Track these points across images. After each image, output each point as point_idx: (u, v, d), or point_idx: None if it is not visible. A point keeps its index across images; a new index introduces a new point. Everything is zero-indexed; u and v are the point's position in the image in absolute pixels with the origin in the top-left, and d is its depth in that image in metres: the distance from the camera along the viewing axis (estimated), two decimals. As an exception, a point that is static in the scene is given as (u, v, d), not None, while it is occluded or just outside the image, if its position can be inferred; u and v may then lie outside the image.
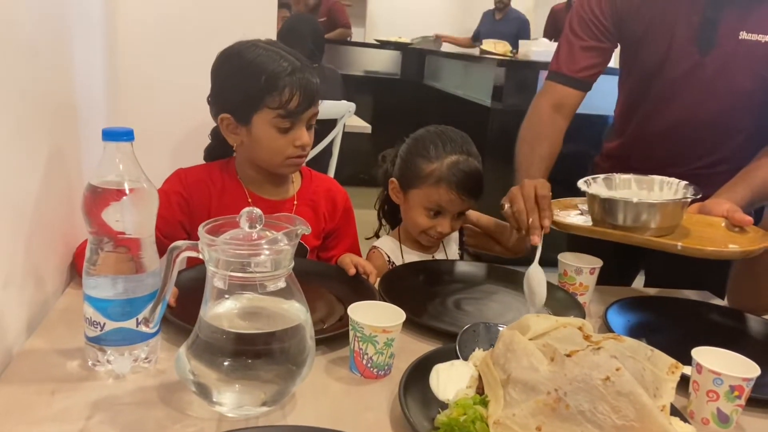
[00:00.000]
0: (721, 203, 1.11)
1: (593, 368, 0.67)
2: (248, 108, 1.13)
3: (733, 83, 1.24)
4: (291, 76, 1.11)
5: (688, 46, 1.25)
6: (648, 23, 1.29)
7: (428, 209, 1.29)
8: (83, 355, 0.83)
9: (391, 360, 0.86)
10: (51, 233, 1.00)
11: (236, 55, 1.15)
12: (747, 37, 1.21)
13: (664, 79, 1.30)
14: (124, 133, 0.78)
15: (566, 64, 1.38)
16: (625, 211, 1.06)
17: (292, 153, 1.15)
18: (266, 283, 0.72)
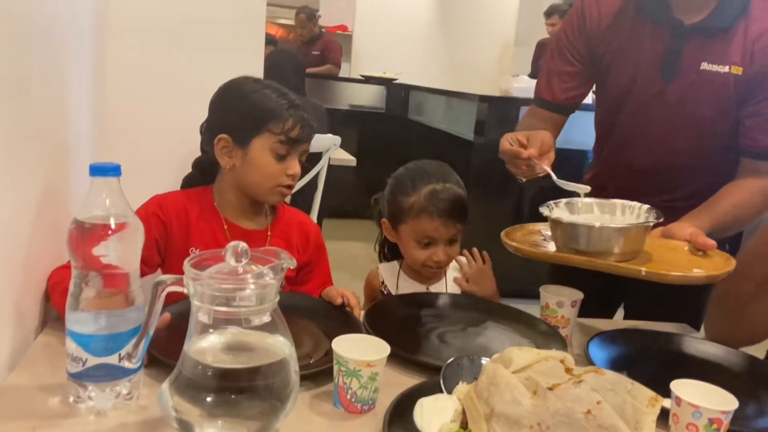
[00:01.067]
0: (684, 227, 1.13)
1: (575, 402, 0.68)
2: (250, 129, 1.17)
3: (696, 111, 1.29)
4: (296, 109, 1.19)
5: (653, 74, 1.30)
6: (614, 50, 1.35)
7: (418, 242, 1.31)
8: (65, 392, 0.82)
9: (375, 394, 0.86)
10: (34, 268, 1.00)
11: (239, 85, 1.21)
12: (708, 68, 1.26)
13: (630, 106, 1.35)
14: (112, 168, 0.79)
15: (545, 90, 1.43)
16: (588, 236, 1.05)
17: (283, 181, 1.19)
18: (251, 317, 0.72)
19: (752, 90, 1.24)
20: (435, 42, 6.56)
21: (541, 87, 1.45)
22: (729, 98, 1.26)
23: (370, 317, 1.13)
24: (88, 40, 1.28)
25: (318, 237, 1.34)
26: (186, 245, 1.20)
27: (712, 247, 1.08)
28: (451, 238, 1.32)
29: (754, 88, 1.24)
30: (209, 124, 1.23)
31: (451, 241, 1.32)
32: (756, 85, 1.24)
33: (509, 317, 1.22)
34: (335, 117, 3.48)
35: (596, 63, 1.39)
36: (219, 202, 1.23)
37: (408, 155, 1.32)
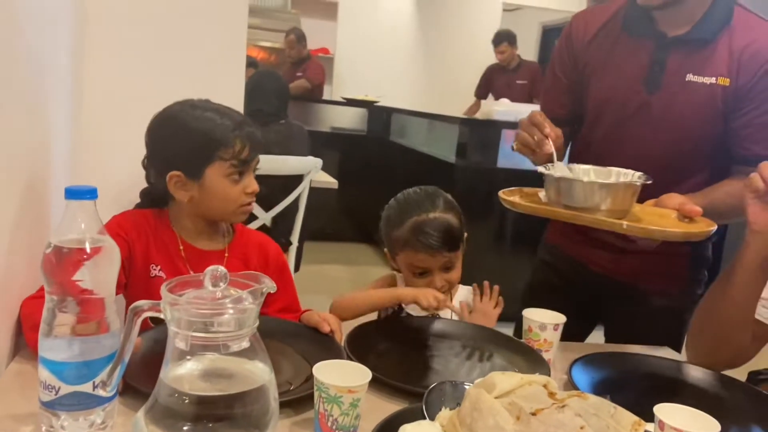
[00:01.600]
0: (674, 197, 1.16)
1: (558, 427, 0.67)
2: (200, 162, 1.17)
3: (680, 122, 1.31)
4: (240, 129, 1.18)
5: (636, 87, 1.32)
6: (597, 63, 1.37)
7: (413, 272, 1.32)
8: (37, 421, 0.79)
9: (356, 421, 0.85)
10: (5, 294, 0.97)
11: (175, 117, 1.19)
12: (693, 79, 1.28)
13: (612, 117, 1.37)
14: (87, 191, 0.78)
15: (544, 106, 1.47)
16: (576, 190, 1.09)
17: (244, 200, 1.20)
18: (229, 343, 0.70)
19: (740, 101, 1.26)
20: (416, 65, 6.64)
21: (542, 104, 1.49)
22: (716, 109, 1.28)
23: (351, 342, 1.12)
24: (65, 63, 1.27)
25: (279, 258, 1.32)
26: (147, 263, 1.20)
27: (698, 214, 1.10)
28: (443, 266, 1.31)
29: (743, 98, 1.25)
30: (153, 160, 1.21)
31: (446, 268, 1.32)
32: (744, 95, 1.25)
33: (492, 341, 1.21)
34: (317, 139, 3.48)
35: (580, 74, 1.42)
36: (175, 225, 1.23)
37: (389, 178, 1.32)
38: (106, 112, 1.42)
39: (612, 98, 1.36)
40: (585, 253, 1.45)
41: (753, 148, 1.27)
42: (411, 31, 6.71)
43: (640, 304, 1.43)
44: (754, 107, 1.26)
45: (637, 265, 1.40)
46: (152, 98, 1.46)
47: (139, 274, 1.19)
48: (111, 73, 1.43)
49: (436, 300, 1.24)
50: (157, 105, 1.42)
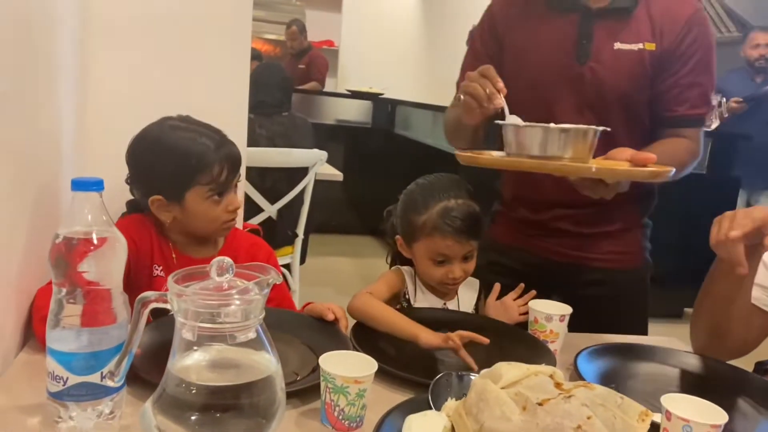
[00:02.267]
0: (624, 150, 1.14)
1: (565, 417, 0.67)
2: (180, 187, 1.17)
3: (614, 90, 1.33)
4: (217, 153, 1.18)
5: (566, 59, 1.34)
6: (523, 39, 1.38)
7: (433, 260, 1.29)
8: (45, 412, 0.80)
9: (363, 411, 0.85)
10: (13, 285, 0.98)
11: (155, 140, 1.19)
12: (621, 47, 1.32)
13: (545, 92, 1.37)
14: (94, 183, 0.78)
15: (461, 78, 1.43)
16: (542, 138, 1.08)
17: (227, 218, 1.21)
18: (236, 333, 0.71)
19: (666, 63, 1.31)
20: (421, 57, 6.62)
21: (461, 79, 1.45)
22: (645, 74, 1.32)
23: (357, 333, 1.12)
24: (71, 55, 1.27)
25: (269, 257, 1.33)
26: (150, 263, 1.21)
27: (653, 160, 1.10)
28: (465, 254, 1.30)
29: (668, 61, 1.31)
30: (134, 181, 1.22)
31: (466, 258, 1.30)
32: (669, 58, 1.31)
33: (497, 332, 1.21)
34: (321, 132, 3.48)
35: (507, 52, 1.42)
36: (168, 234, 1.24)
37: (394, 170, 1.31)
38: (111, 105, 1.42)
39: (544, 74, 1.37)
40: (544, 245, 1.45)
41: (679, 109, 1.33)
42: (416, 22, 6.69)
43: (604, 285, 1.44)
44: (678, 68, 1.31)
45: (598, 245, 1.43)
46: (158, 92, 1.46)
47: (143, 273, 1.20)
48: (114, 66, 1.43)
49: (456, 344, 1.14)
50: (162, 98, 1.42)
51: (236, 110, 1.53)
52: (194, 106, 1.26)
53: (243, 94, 1.54)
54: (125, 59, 1.44)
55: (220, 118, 1.28)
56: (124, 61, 1.44)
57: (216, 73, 1.50)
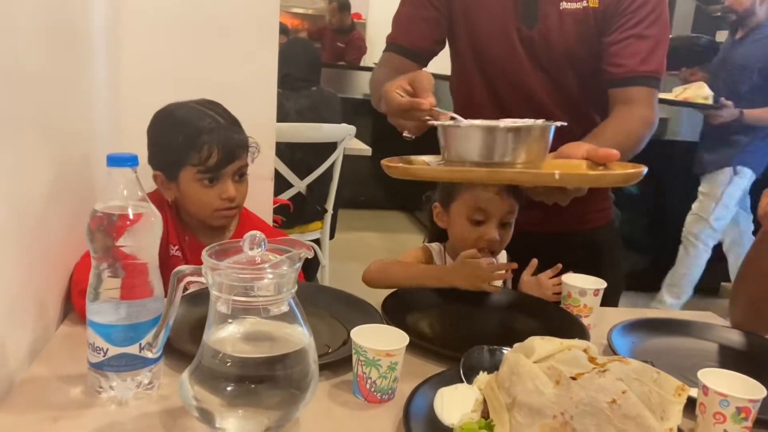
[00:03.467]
0: (579, 145, 1.01)
1: (599, 391, 0.67)
2: (174, 165, 1.19)
3: (564, 50, 1.29)
4: (210, 134, 1.17)
5: (514, 23, 1.30)
6: (469, 3, 1.33)
7: (471, 219, 1.25)
8: (86, 382, 0.82)
9: (394, 384, 0.85)
10: (54, 259, 1.00)
11: (167, 115, 1.21)
12: (567, 6, 1.27)
13: (496, 59, 1.34)
14: (129, 159, 0.79)
15: (403, 36, 1.39)
16: (490, 140, 0.91)
17: (220, 206, 1.20)
18: (269, 307, 0.71)
19: (609, 19, 1.26)
20: (449, 29, 6.49)
21: (397, 33, 1.40)
22: (591, 32, 1.27)
23: (387, 307, 1.12)
24: (103, 31, 1.28)
25: None
26: (167, 242, 1.23)
27: (614, 157, 0.97)
28: (504, 215, 1.25)
29: (611, 16, 1.25)
30: (148, 157, 1.24)
31: (503, 224, 1.27)
32: (611, 13, 1.25)
33: (530, 306, 1.21)
34: (349, 106, 3.46)
35: (453, 15, 1.37)
36: (182, 216, 1.26)
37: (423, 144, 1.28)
38: (143, 81, 1.43)
39: (492, 40, 1.33)
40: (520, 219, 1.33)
41: (626, 63, 1.25)
42: (444, -6, 6.56)
43: (585, 247, 1.41)
44: (623, 22, 1.25)
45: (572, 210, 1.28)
46: (188, 67, 1.47)
47: (161, 251, 1.21)
48: (146, 41, 1.44)
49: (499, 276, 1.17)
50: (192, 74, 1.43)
51: (265, 85, 1.53)
52: (224, 80, 1.27)
53: (272, 69, 1.54)
54: (156, 35, 1.45)
55: (249, 93, 1.28)
56: (156, 37, 1.45)
57: (245, 48, 1.50)
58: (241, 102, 1.25)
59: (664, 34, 1.27)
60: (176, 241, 1.25)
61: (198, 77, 1.46)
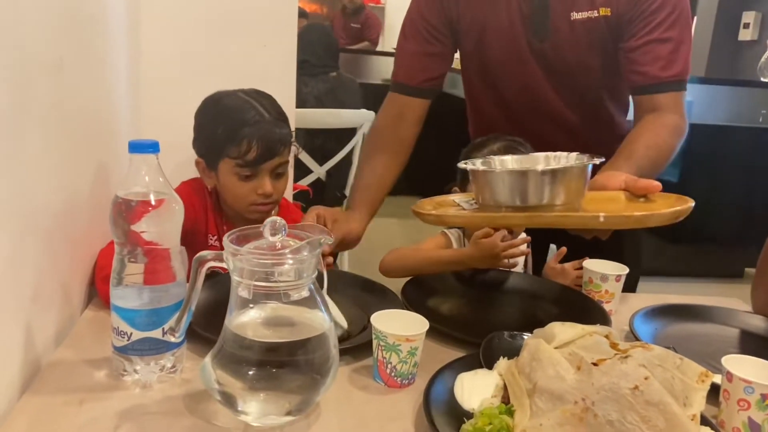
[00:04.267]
0: (616, 175, 0.99)
1: (621, 377, 0.66)
2: (214, 155, 1.18)
3: (578, 61, 1.27)
4: (251, 128, 1.14)
5: (526, 37, 1.27)
6: (481, 20, 1.30)
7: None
8: (110, 365, 0.84)
9: (414, 369, 0.86)
10: (78, 245, 1.02)
11: (214, 102, 1.20)
12: (578, 17, 1.23)
13: (511, 75, 1.32)
14: (150, 145, 0.80)
15: (402, 73, 1.37)
16: (527, 184, 0.88)
17: (256, 200, 1.19)
18: (290, 292, 0.72)
19: (625, 25, 1.22)
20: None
21: (400, 71, 1.37)
22: (606, 41, 1.25)
23: (407, 292, 1.12)
24: (122, 18, 1.29)
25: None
26: (206, 232, 1.24)
27: (656, 189, 0.94)
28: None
29: (627, 22, 1.21)
30: (193, 141, 1.24)
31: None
32: (627, 19, 1.21)
33: (551, 292, 1.20)
34: (368, 92, 3.45)
35: (463, 40, 1.34)
36: (222, 205, 1.26)
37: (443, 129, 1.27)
38: (163, 67, 1.44)
39: (505, 56, 1.31)
40: None
41: (647, 70, 1.21)
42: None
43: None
44: (641, 27, 1.20)
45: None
46: (206, 53, 1.47)
47: (199, 240, 1.23)
48: (166, 29, 1.44)
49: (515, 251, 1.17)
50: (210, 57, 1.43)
51: (284, 71, 1.53)
52: (244, 66, 1.26)
53: (291, 55, 1.53)
54: (176, 22, 1.45)
55: (269, 79, 1.28)
56: (175, 23, 1.45)
57: (264, 34, 1.50)
58: (261, 88, 1.24)
59: (686, 33, 1.22)
60: (215, 231, 1.25)
61: (217, 63, 1.46)
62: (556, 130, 1.34)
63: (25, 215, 0.80)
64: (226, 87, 1.22)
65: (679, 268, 3.48)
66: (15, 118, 0.76)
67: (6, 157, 0.74)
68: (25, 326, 0.81)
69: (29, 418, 0.73)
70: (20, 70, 0.78)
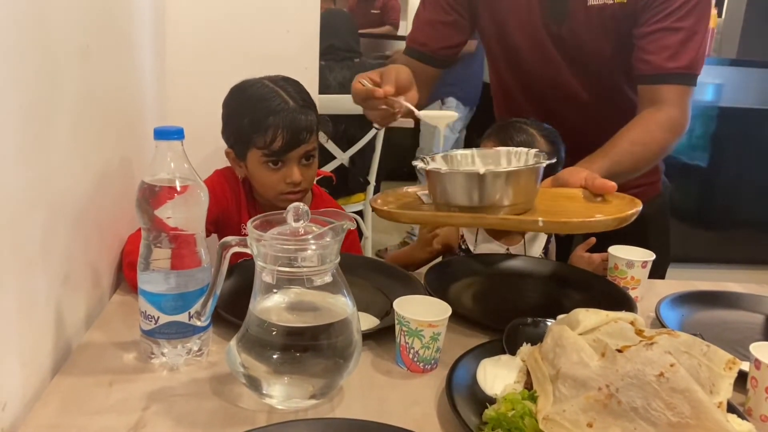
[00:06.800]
0: (578, 171, 1.00)
1: (646, 364, 0.66)
2: (242, 146, 1.19)
3: (595, 46, 1.25)
4: (276, 116, 1.14)
5: (544, 20, 1.25)
6: (499, 5, 1.29)
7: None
8: (139, 348, 0.85)
9: (437, 354, 0.86)
10: (107, 230, 1.04)
11: (240, 91, 1.20)
12: (594, 3, 1.21)
13: (529, 57, 1.30)
14: (175, 131, 0.80)
15: (418, 39, 1.35)
16: (473, 186, 0.89)
17: (284, 189, 1.19)
18: (313, 277, 0.72)
19: (638, 14, 1.19)
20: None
21: (416, 36, 1.36)
22: (620, 29, 1.22)
23: (430, 278, 1.12)
24: (148, 5, 1.30)
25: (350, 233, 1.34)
26: (239, 221, 1.25)
27: (611, 190, 0.95)
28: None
29: (640, 11, 1.19)
30: (222, 131, 1.24)
31: None
32: (642, 8, 1.19)
33: (575, 278, 1.19)
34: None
35: (476, 15, 1.33)
36: (253, 193, 1.27)
37: (467, 114, 1.28)
38: (187, 54, 1.45)
39: (522, 39, 1.29)
40: None
41: (653, 59, 1.18)
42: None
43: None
44: (654, 14, 1.17)
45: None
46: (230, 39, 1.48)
47: (233, 229, 1.24)
48: (189, 17, 1.45)
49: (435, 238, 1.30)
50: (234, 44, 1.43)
51: (307, 56, 1.53)
52: (267, 51, 1.26)
53: (314, 40, 1.53)
54: (199, 8, 1.46)
55: (292, 65, 1.28)
56: (199, 10, 1.46)
57: (287, 19, 1.50)
58: (283, 73, 1.24)
59: (702, 25, 1.17)
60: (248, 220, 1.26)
61: (241, 50, 1.47)
62: (575, 111, 1.34)
63: (54, 199, 0.82)
64: (249, 74, 1.23)
65: (708, 254, 3.42)
66: (43, 105, 0.77)
67: (36, 143, 0.75)
68: (56, 308, 0.83)
69: (61, 399, 0.75)
70: (47, 57, 0.79)
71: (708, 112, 3.35)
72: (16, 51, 0.70)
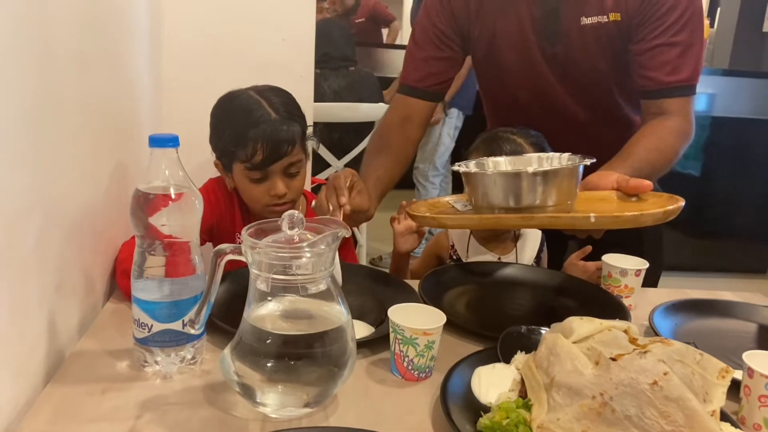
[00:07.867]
0: (608, 174, 1.01)
1: (640, 372, 0.66)
2: (227, 157, 1.19)
3: (590, 65, 1.26)
4: (256, 129, 1.13)
5: (538, 42, 1.26)
6: (492, 28, 1.30)
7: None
8: (132, 356, 0.85)
9: (431, 362, 0.86)
10: (101, 237, 1.03)
11: (225, 102, 1.20)
12: (587, 22, 1.22)
13: (523, 78, 1.31)
14: (170, 139, 0.80)
15: (412, 76, 1.36)
16: (520, 186, 0.90)
17: (269, 201, 1.18)
18: (308, 285, 0.72)
19: (633, 31, 1.21)
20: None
21: (409, 74, 1.37)
22: (616, 46, 1.23)
23: (425, 286, 1.12)
24: (145, 14, 1.30)
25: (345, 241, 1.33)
26: (233, 230, 1.25)
27: (647, 188, 0.96)
28: None
29: (636, 26, 1.20)
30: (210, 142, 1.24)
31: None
32: (637, 25, 1.20)
33: (569, 286, 1.19)
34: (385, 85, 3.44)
35: (475, 47, 1.34)
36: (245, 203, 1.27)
37: (462, 122, 1.29)
38: (183, 62, 1.45)
39: (518, 62, 1.30)
40: None
41: (654, 75, 1.20)
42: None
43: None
44: (650, 30, 1.19)
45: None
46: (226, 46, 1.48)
47: (226, 238, 1.24)
48: (187, 23, 1.45)
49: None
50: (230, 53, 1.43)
51: (303, 65, 1.54)
52: (262, 59, 1.26)
53: (309, 48, 1.54)
54: (196, 17, 1.46)
55: (287, 74, 1.28)
56: (195, 17, 1.46)
57: (282, 27, 1.50)
58: (278, 81, 1.25)
59: (696, 36, 1.20)
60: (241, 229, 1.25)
61: (236, 57, 1.47)
62: (572, 130, 1.34)
63: (49, 206, 0.81)
64: (244, 82, 1.23)
65: (701, 262, 3.44)
66: (39, 112, 0.77)
67: (31, 150, 0.75)
68: (49, 315, 0.83)
69: (53, 407, 0.74)
70: (44, 65, 0.79)
71: (700, 121, 3.37)
72: (14, 58, 0.70)
